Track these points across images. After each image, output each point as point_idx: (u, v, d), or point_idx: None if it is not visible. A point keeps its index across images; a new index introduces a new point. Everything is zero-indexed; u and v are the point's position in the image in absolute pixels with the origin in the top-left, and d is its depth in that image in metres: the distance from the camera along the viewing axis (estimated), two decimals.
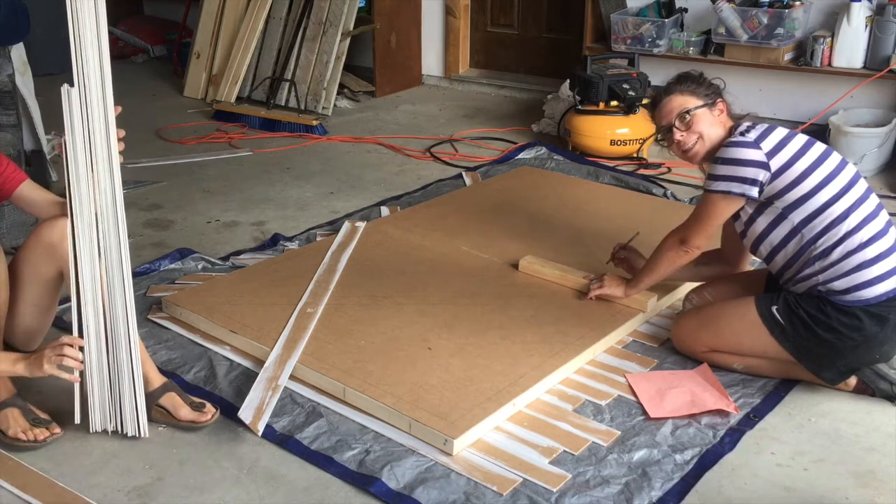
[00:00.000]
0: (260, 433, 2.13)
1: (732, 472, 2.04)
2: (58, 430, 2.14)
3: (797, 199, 2.21)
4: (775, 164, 2.21)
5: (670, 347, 2.53)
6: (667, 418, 2.20)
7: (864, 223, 2.20)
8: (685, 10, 4.53)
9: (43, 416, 2.17)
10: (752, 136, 2.25)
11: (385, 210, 3.57)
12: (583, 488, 1.96)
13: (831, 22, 4.18)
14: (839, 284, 2.19)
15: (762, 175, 2.21)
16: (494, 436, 2.14)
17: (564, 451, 2.09)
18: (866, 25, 4.04)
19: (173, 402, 2.21)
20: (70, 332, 2.06)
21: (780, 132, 2.27)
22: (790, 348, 2.28)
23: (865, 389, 2.32)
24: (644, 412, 2.23)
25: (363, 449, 2.09)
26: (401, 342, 2.48)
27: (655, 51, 4.46)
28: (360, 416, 2.21)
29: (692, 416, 2.21)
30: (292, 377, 2.35)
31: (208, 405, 2.23)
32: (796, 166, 2.21)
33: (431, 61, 5.73)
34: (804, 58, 4.22)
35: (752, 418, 2.22)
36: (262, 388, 2.29)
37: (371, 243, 3.16)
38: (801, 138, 2.27)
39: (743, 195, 2.24)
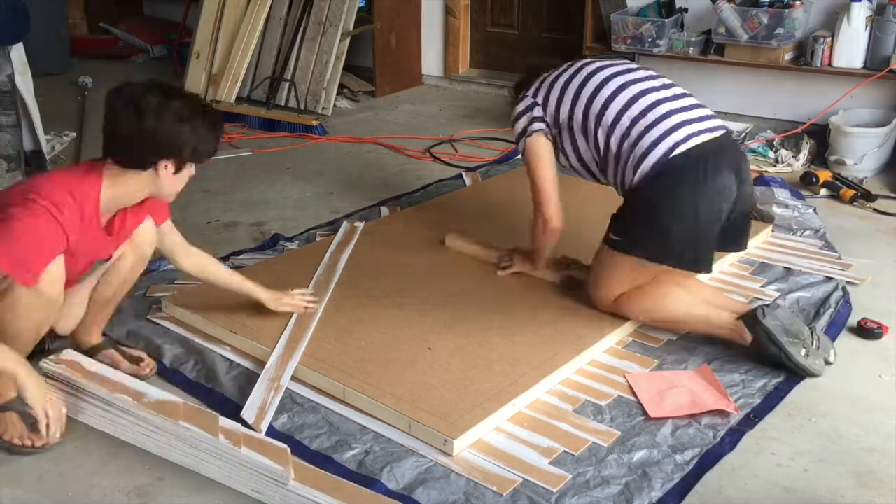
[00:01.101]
0: (263, 433, 2.13)
1: (732, 472, 2.04)
2: (57, 435, 2.09)
3: (573, 118, 2.56)
4: (543, 100, 2.61)
5: (670, 347, 2.53)
6: (667, 418, 2.20)
7: (645, 111, 2.46)
8: (685, 10, 4.52)
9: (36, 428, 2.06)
10: (529, 91, 2.67)
11: (385, 210, 3.57)
12: (583, 489, 1.96)
13: (831, 22, 4.17)
14: (632, 161, 2.44)
15: (537, 110, 2.62)
16: (494, 436, 2.14)
17: (564, 451, 2.08)
18: (866, 25, 4.03)
19: (112, 358, 2.38)
20: None
21: (557, 81, 2.62)
22: (643, 255, 2.45)
23: (758, 349, 2.40)
24: (644, 412, 2.23)
25: (363, 449, 2.09)
26: (401, 342, 2.48)
27: (655, 51, 4.46)
28: (360, 416, 2.21)
29: (692, 416, 2.21)
30: (293, 377, 2.35)
31: (147, 359, 2.42)
32: (564, 99, 2.56)
33: (431, 61, 5.73)
34: (804, 58, 4.22)
35: (752, 418, 2.22)
36: (265, 388, 2.29)
37: (371, 243, 3.16)
38: (576, 77, 2.59)
39: (535, 132, 2.61)
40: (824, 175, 3.78)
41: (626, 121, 2.47)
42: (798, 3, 4.14)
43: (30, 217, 1.97)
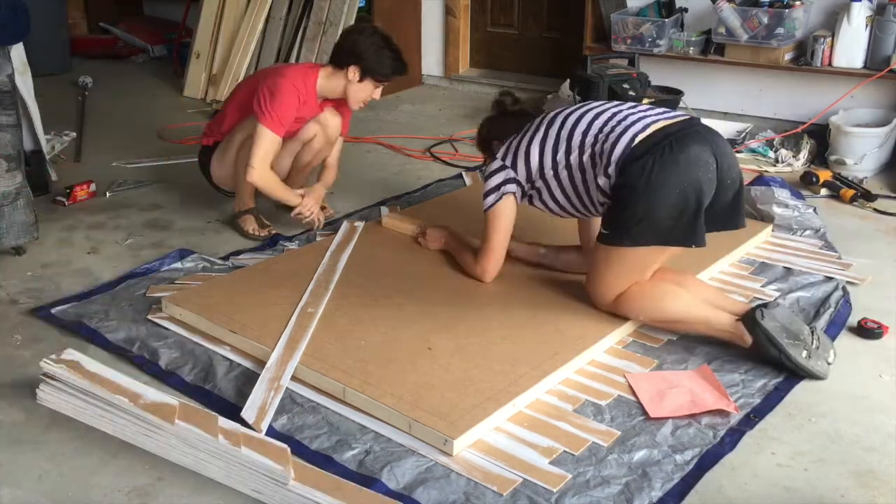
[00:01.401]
0: (263, 432, 2.13)
1: (732, 472, 2.04)
2: (274, 231, 3.33)
3: (543, 165, 2.62)
4: (514, 162, 2.67)
5: (670, 347, 2.53)
6: (667, 418, 2.20)
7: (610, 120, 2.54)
8: (685, 9, 4.52)
9: (266, 223, 3.36)
10: (499, 154, 2.73)
11: (385, 210, 3.57)
12: (583, 488, 1.96)
13: (831, 22, 4.18)
14: (604, 177, 2.50)
15: (509, 173, 2.68)
16: (494, 436, 2.14)
17: (564, 451, 2.08)
18: (866, 25, 4.04)
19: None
20: None
21: (524, 138, 2.68)
22: (634, 241, 2.46)
23: (758, 351, 2.40)
24: (644, 412, 2.23)
25: (363, 449, 2.09)
26: (401, 342, 2.48)
27: (656, 51, 4.46)
28: (360, 416, 2.21)
29: (692, 416, 2.21)
30: (293, 377, 2.35)
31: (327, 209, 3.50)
32: (532, 155, 2.63)
33: (431, 61, 5.73)
34: (804, 58, 4.22)
35: (752, 418, 2.22)
36: (265, 388, 2.29)
37: (371, 243, 3.16)
38: (540, 126, 2.66)
39: (505, 195, 2.69)
40: (824, 175, 3.78)
41: (590, 138, 2.54)
42: (798, 2, 4.14)
43: (283, 90, 3.10)
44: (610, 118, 2.55)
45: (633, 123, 2.50)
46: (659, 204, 2.41)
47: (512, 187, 2.69)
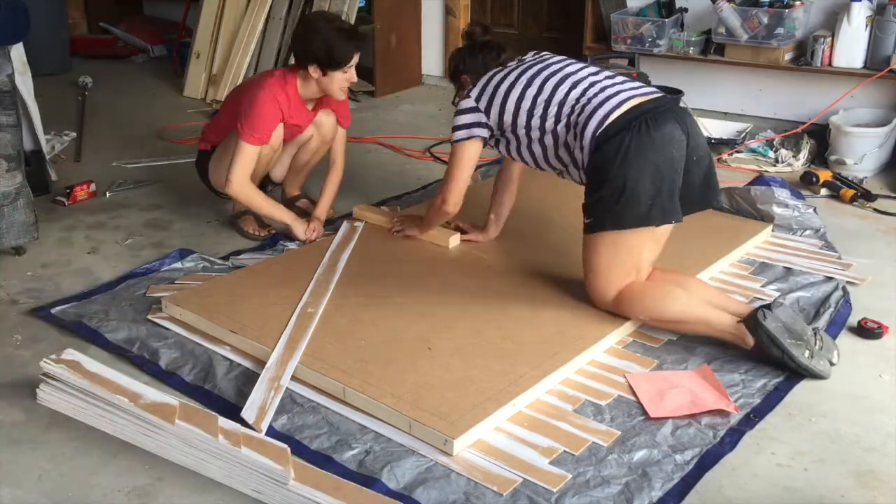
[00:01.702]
0: (263, 432, 2.13)
1: (732, 472, 2.04)
2: (274, 231, 3.32)
3: (517, 123, 2.66)
4: (487, 108, 2.71)
5: (670, 347, 2.53)
6: (667, 418, 2.20)
7: (577, 102, 2.57)
8: (685, 9, 4.53)
9: (266, 222, 3.34)
10: (473, 94, 2.75)
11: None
12: (583, 488, 1.96)
13: (831, 22, 4.18)
14: (579, 152, 2.55)
15: (479, 116, 2.72)
16: (494, 436, 2.14)
17: (564, 451, 2.08)
18: (866, 25, 4.04)
19: (305, 205, 3.54)
20: None
21: (500, 86, 2.70)
22: (615, 224, 2.49)
23: (760, 352, 2.40)
24: (644, 412, 2.23)
25: (363, 449, 2.09)
26: (401, 342, 2.48)
27: (655, 51, 4.46)
28: (360, 416, 2.21)
29: (692, 416, 2.21)
30: (293, 377, 2.34)
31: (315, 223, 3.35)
32: (507, 107, 2.66)
33: (431, 61, 5.73)
34: (804, 58, 4.22)
35: (752, 418, 2.22)
36: (265, 388, 2.29)
37: (371, 243, 3.16)
38: (518, 82, 2.68)
39: (473, 137, 2.76)
40: (824, 175, 3.78)
41: (566, 108, 2.59)
42: (798, 2, 4.14)
43: (261, 103, 3.10)
44: (588, 88, 2.59)
45: (609, 98, 2.54)
46: (634, 184, 2.45)
47: (481, 131, 2.75)
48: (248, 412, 2.20)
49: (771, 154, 4.11)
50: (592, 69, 2.70)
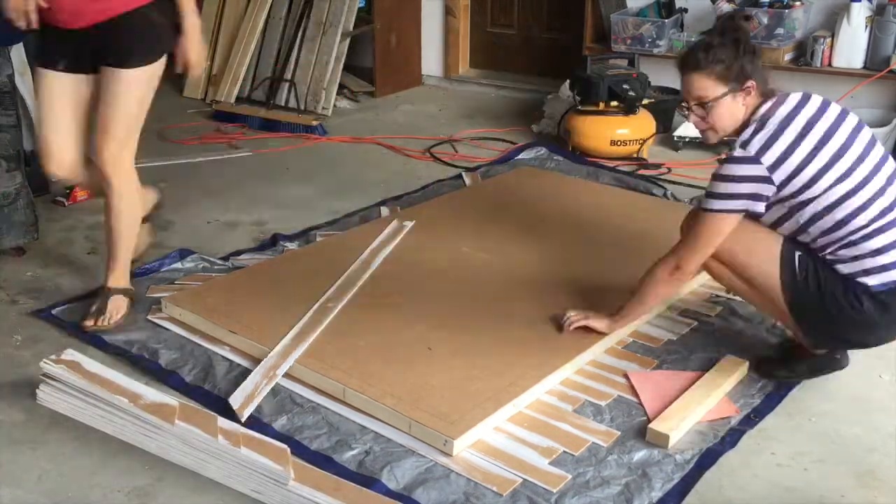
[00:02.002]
0: (243, 420, 2.13)
1: (732, 472, 2.04)
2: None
3: (803, 202, 2.12)
4: (779, 176, 2.10)
5: (670, 347, 2.53)
6: None
7: (876, 219, 2.11)
8: (685, 10, 4.53)
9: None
10: (753, 148, 2.12)
11: (385, 210, 3.57)
12: (583, 489, 1.96)
13: (831, 22, 4.18)
14: (843, 269, 2.13)
15: (765, 189, 2.12)
16: (494, 436, 2.14)
17: (564, 451, 2.08)
18: (866, 25, 4.04)
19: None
20: None
21: (789, 135, 2.11)
22: (788, 298, 2.18)
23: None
24: (645, 413, 2.23)
25: (363, 449, 2.09)
26: (401, 342, 2.48)
27: (655, 51, 4.46)
28: (360, 416, 2.21)
29: None
30: (292, 378, 2.35)
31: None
32: (804, 174, 2.10)
33: (431, 61, 5.73)
34: (804, 58, 4.22)
35: (752, 418, 2.22)
36: (260, 375, 2.31)
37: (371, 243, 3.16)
38: (814, 136, 2.12)
39: (745, 211, 2.16)
40: None
41: (842, 231, 2.12)
42: (798, 3, 4.15)
43: None
44: (879, 215, 2.12)
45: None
46: (841, 333, 2.23)
47: (757, 208, 2.16)
48: (235, 398, 2.21)
49: None
50: (879, 150, 2.17)
